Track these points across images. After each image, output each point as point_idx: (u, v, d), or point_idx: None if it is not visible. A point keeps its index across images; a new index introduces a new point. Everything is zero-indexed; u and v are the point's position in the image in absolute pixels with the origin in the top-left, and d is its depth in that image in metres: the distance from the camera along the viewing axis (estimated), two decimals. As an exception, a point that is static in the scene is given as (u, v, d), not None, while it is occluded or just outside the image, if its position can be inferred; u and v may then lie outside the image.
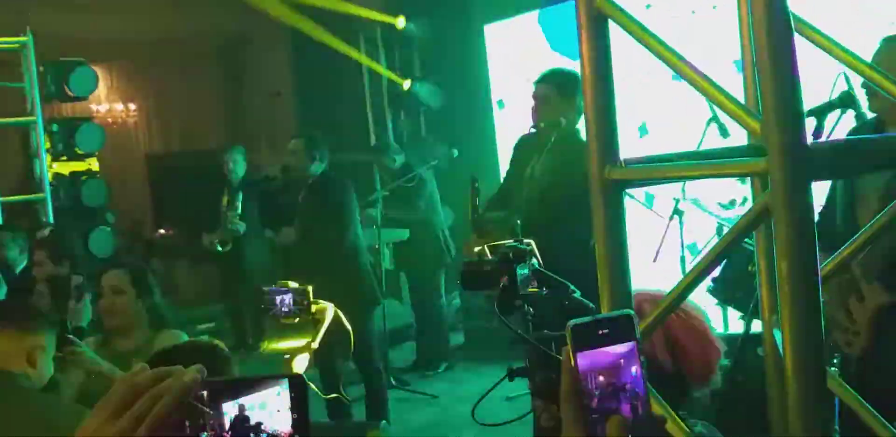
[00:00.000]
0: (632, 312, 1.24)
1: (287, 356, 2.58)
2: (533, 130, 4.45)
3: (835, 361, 3.07)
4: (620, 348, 1.21)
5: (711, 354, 2.13)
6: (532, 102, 4.44)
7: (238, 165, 8.10)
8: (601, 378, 1.19)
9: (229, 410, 1.10)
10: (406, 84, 8.96)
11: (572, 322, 1.19)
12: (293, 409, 1.12)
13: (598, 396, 1.19)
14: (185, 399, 1.08)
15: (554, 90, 4.32)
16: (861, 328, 3.01)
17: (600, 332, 1.20)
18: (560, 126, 4.26)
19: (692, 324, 2.10)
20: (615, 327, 1.21)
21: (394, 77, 9.16)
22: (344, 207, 5.65)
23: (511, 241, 2.20)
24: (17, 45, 7.10)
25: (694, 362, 2.08)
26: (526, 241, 2.18)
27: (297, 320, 2.70)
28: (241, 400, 1.11)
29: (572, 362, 1.18)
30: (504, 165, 5.16)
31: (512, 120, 7.82)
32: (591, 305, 2.05)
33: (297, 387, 1.12)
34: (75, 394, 3.37)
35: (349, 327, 3.47)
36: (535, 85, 4.43)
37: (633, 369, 1.21)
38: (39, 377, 2.89)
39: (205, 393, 1.09)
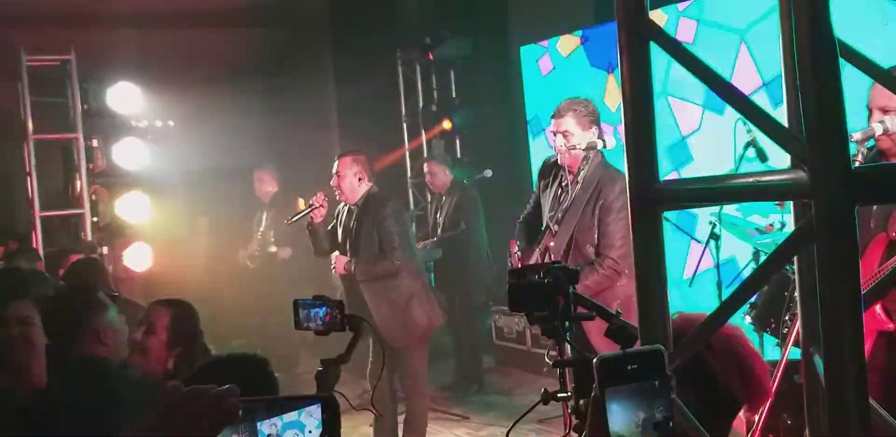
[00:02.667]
0: (662, 347, 1.22)
1: (320, 369, 2.53)
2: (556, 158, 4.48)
3: None
4: (651, 385, 1.19)
5: (769, 376, 2.10)
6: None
7: (265, 184, 8.23)
8: (632, 415, 1.18)
9: (265, 429, 1.11)
10: (447, 124, 9.02)
11: (600, 356, 1.17)
12: (325, 429, 1.13)
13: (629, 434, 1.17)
14: (229, 422, 1.10)
15: (572, 122, 4.32)
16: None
17: (629, 367, 1.18)
18: (594, 148, 4.26)
19: (754, 352, 2.06)
20: (645, 363, 1.20)
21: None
22: (388, 230, 5.31)
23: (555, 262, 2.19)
24: (60, 62, 7.22)
25: (763, 389, 2.05)
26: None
27: (329, 334, 2.66)
28: (276, 420, 1.12)
29: (601, 398, 1.16)
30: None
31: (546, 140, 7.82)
32: (633, 326, 2.01)
33: (330, 408, 1.13)
34: None
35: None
36: (552, 119, 4.45)
37: (664, 406, 1.19)
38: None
39: (240, 412, 1.11)
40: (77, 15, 8.67)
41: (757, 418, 3.61)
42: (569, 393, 2.05)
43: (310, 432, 1.13)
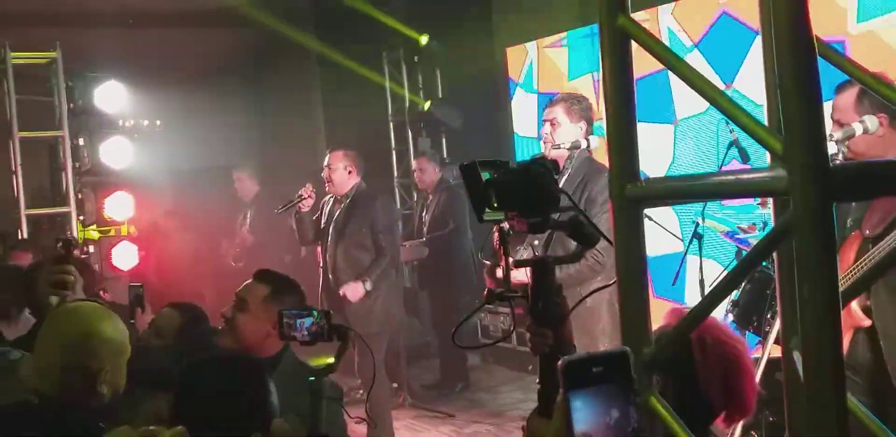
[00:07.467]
0: (628, 349, 1.22)
1: (312, 379, 2.49)
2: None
3: None
4: (615, 388, 1.18)
5: (754, 395, 2.12)
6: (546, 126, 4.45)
7: (244, 184, 8.28)
8: (603, 415, 1.17)
9: None
10: (427, 105, 9.03)
11: (565, 359, 1.16)
12: None
13: None
14: None
15: (561, 111, 4.34)
16: None
17: (594, 369, 1.17)
18: (578, 147, 4.27)
19: (748, 368, 2.07)
20: (610, 365, 1.19)
21: (416, 99, 9.24)
22: (379, 225, 5.68)
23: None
24: (46, 60, 7.19)
25: (743, 405, 2.06)
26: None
27: (316, 344, 2.61)
28: None
29: (565, 400, 1.16)
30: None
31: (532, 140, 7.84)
32: (590, 226, 1.95)
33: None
34: None
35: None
36: (545, 109, 4.47)
37: (629, 410, 1.18)
38: None
39: None
40: (63, 13, 8.65)
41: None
42: (517, 293, 2.03)
43: None
